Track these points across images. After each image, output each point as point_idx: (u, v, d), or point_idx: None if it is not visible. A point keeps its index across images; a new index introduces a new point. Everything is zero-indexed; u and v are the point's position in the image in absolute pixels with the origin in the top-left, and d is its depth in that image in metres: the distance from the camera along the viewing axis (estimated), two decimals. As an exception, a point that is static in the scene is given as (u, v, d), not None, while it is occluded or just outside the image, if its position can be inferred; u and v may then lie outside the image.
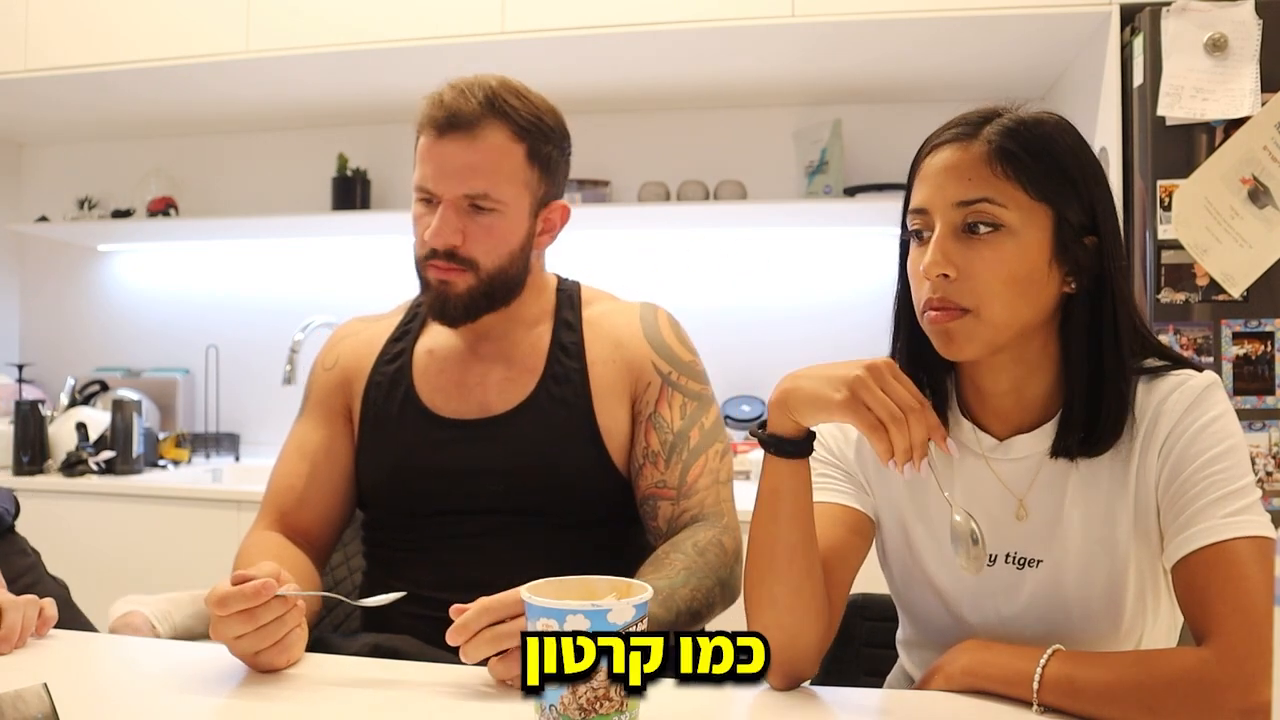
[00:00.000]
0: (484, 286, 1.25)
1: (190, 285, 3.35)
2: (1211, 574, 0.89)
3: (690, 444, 1.27)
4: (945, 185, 0.96)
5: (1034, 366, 1.00)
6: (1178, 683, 0.85)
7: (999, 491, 1.03)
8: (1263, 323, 1.97)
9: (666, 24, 2.37)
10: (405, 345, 1.36)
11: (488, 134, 1.21)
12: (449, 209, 1.22)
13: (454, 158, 1.21)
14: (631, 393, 1.29)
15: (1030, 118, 0.98)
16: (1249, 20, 1.98)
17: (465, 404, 1.29)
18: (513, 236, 1.25)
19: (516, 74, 1.28)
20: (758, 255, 3.00)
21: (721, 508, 1.27)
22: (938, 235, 0.96)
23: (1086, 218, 0.97)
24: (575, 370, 1.29)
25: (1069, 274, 0.97)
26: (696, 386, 1.31)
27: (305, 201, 3.17)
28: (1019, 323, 0.96)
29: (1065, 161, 0.96)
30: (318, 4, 2.53)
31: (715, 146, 2.98)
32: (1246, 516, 0.89)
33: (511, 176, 1.23)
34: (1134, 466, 0.97)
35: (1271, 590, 0.84)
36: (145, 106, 3.01)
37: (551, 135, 1.27)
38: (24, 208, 3.42)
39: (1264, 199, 1.96)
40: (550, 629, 0.80)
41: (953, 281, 0.94)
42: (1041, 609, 1.01)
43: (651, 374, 1.29)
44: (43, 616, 1.11)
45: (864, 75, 2.69)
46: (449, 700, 0.94)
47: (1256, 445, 1.95)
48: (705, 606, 1.16)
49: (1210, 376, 0.98)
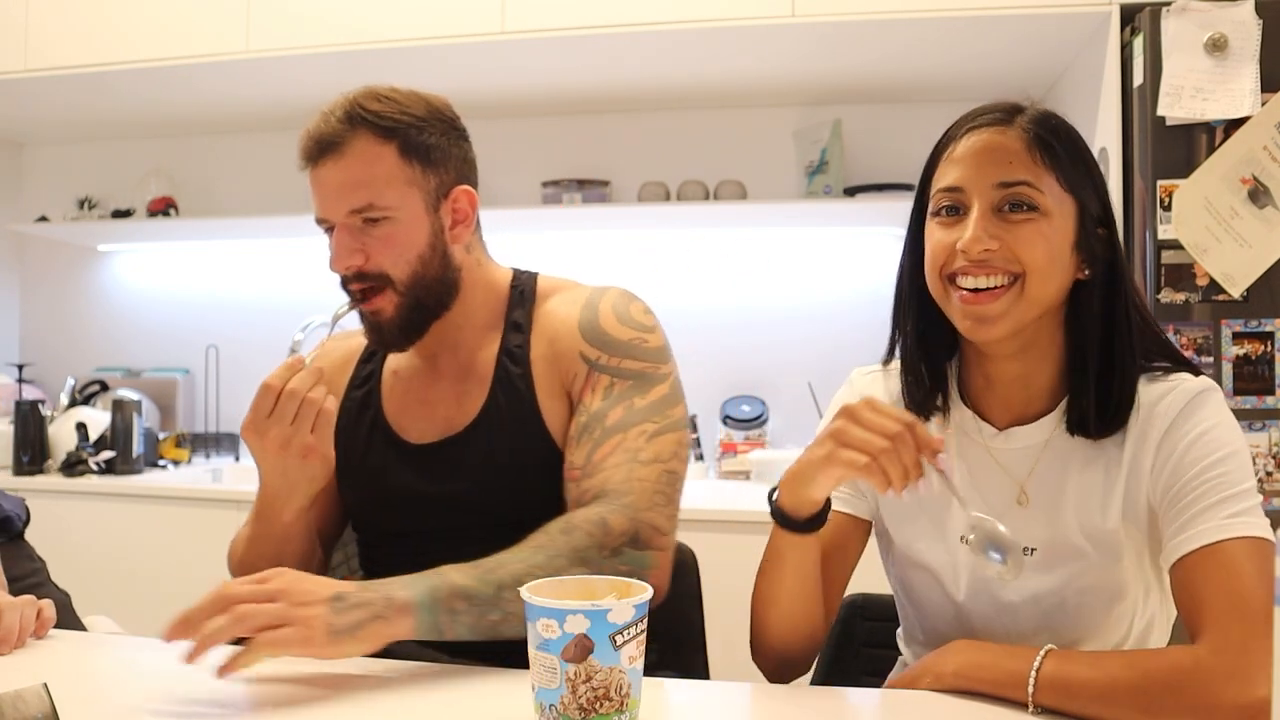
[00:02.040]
0: (410, 299, 1.21)
1: (190, 285, 3.35)
2: (1208, 573, 0.89)
3: (605, 423, 1.18)
4: (984, 166, 0.99)
5: (1043, 354, 1.03)
6: (1174, 680, 0.85)
7: (1001, 478, 1.05)
8: (1263, 323, 1.96)
9: (666, 24, 2.37)
10: (374, 367, 1.35)
11: (353, 146, 1.18)
12: (341, 231, 1.20)
13: (329, 180, 1.19)
14: (564, 385, 1.24)
15: (1053, 113, 1.02)
16: (1249, 20, 1.98)
17: (430, 424, 1.27)
18: (415, 239, 1.20)
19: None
20: (758, 255, 3.00)
21: (629, 486, 1.13)
22: (978, 213, 0.98)
23: (1101, 210, 1.02)
24: (519, 375, 1.25)
25: (1084, 262, 1.01)
26: (635, 365, 1.21)
27: (305, 201, 3.12)
28: (1048, 300, 1.00)
29: (1087, 156, 1.02)
30: (318, 4, 2.53)
31: (715, 146, 2.98)
32: (1245, 519, 0.90)
33: (390, 179, 1.18)
34: (1125, 458, 0.99)
35: (1270, 590, 0.84)
36: (145, 106, 3.01)
37: (425, 124, 1.21)
38: (24, 208, 3.42)
39: (1264, 199, 1.96)
40: (551, 629, 0.80)
41: (996, 252, 0.98)
42: (1037, 596, 1.02)
43: (578, 364, 1.23)
44: (41, 618, 1.11)
45: (864, 75, 2.69)
46: (448, 700, 0.94)
47: (1257, 445, 1.95)
48: None
49: (1205, 382, 0.99)
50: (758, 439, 2.90)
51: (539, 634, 0.81)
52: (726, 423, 2.88)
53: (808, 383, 2.76)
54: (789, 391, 2.89)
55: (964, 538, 1.02)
